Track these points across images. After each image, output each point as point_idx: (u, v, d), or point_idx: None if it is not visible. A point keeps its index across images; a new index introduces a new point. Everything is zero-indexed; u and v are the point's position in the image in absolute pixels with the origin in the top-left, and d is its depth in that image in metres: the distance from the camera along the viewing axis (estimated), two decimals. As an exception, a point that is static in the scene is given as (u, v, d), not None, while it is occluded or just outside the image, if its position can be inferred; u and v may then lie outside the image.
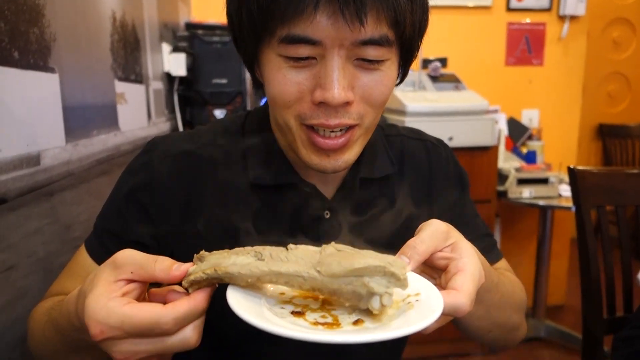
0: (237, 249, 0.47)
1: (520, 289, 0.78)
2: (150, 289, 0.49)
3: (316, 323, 0.44)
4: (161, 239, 0.67)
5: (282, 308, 0.47)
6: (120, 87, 1.16)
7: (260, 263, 0.44)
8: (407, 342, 0.82)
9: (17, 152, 0.68)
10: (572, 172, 1.26)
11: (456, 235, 0.53)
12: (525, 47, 2.68)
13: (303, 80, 0.56)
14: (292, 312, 0.46)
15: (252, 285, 0.46)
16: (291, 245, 0.47)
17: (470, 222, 0.78)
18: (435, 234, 0.51)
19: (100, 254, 0.67)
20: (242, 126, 0.72)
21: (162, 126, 1.62)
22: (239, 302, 0.43)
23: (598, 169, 1.27)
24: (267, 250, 0.46)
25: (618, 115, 3.99)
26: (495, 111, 2.35)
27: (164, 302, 0.45)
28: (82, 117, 0.92)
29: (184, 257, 0.50)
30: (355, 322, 0.44)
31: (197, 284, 0.46)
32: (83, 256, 0.69)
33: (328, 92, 0.54)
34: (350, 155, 0.61)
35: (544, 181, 2.30)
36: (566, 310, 2.81)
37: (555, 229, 2.55)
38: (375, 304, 0.43)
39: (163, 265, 0.46)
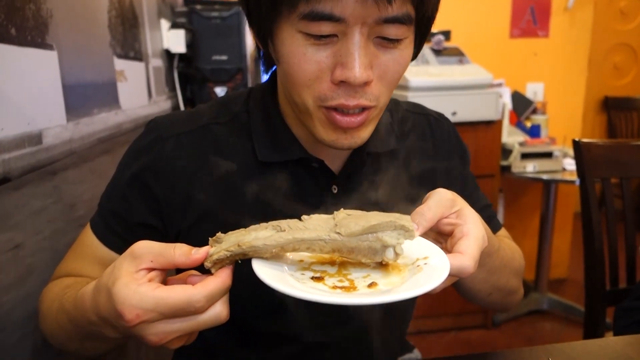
0: (253, 226, 0.49)
1: (519, 255, 0.81)
2: (167, 277, 0.50)
3: (335, 287, 0.47)
4: (167, 220, 0.67)
5: (302, 274, 0.50)
6: (120, 64, 1.14)
7: (282, 233, 0.47)
8: (414, 307, 0.83)
9: (19, 131, 0.68)
10: (576, 144, 1.25)
11: (461, 203, 0.55)
12: (531, 18, 2.62)
13: (323, 59, 0.55)
14: (312, 278, 0.49)
15: (275, 255, 0.48)
16: (304, 216, 0.50)
17: (472, 195, 0.80)
18: (441, 202, 0.54)
19: (107, 236, 0.68)
20: (245, 103, 0.71)
21: (162, 104, 1.60)
22: (265, 272, 0.46)
23: (603, 141, 1.26)
24: (284, 222, 0.49)
25: (624, 87, 3.94)
26: (500, 85, 2.32)
27: None
28: (82, 95, 0.91)
29: (191, 237, 0.50)
30: (370, 285, 0.48)
31: (220, 263, 0.47)
32: (89, 237, 0.69)
33: (350, 71, 0.54)
34: (366, 132, 0.61)
35: (548, 155, 2.29)
36: (568, 284, 2.83)
37: (558, 203, 2.55)
38: (389, 255, 0.48)
39: (182, 250, 0.47)
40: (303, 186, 0.68)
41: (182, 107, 1.83)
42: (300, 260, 0.52)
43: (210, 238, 0.49)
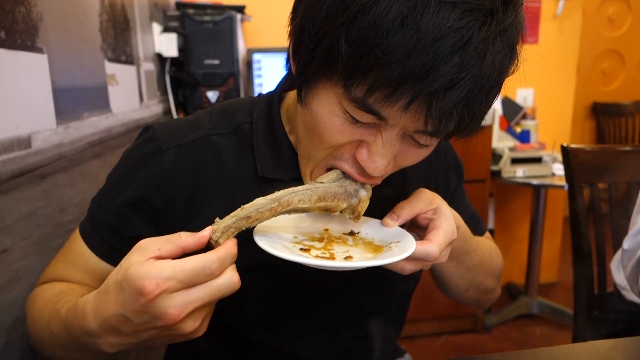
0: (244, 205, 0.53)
1: (498, 256, 0.85)
2: None
3: (317, 256, 0.55)
4: (165, 232, 0.66)
5: (294, 246, 0.57)
6: (111, 68, 1.14)
7: (276, 193, 0.53)
8: (406, 312, 0.84)
9: (7, 135, 0.67)
10: (565, 150, 1.27)
11: (438, 202, 0.62)
12: (520, 25, 2.65)
13: (354, 134, 0.54)
14: (301, 249, 0.57)
15: (275, 211, 0.53)
16: (281, 189, 0.56)
17: (462, 205, 0.83)
18: (421, 199, 0.61)
19: (100, 247, 0.67)
20: (248, 114, 0.69)
21: (154, 108, 1.60)
22: (265, 242, 0.52)
23: (591, 146, 1.28)
24: (272, 192, 0.54)
25: (612, 93, 4.00)
26: (490, 90, 2.34)
27: None
28: (72, 99, 0.91)
29: None
30: (346, 258, 0.56)
31: (227, 232, 0.51)
32: (79, 245, 0.68)
33: (372, 163, 0.54)
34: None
35: (537, 160, 2.31)
36: (558, 288, 2.86)
37: (548, 207, 2.58)
38: (362, 193, 0.58)
39: (187, 233, 0.49)
40: None
41: (174, 111, 1.83)
42: (294, 237, 0.60)
43: (208, 227, 0.52)
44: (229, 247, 0.49)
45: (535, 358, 0.65)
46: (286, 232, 0.61)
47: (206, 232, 0.50)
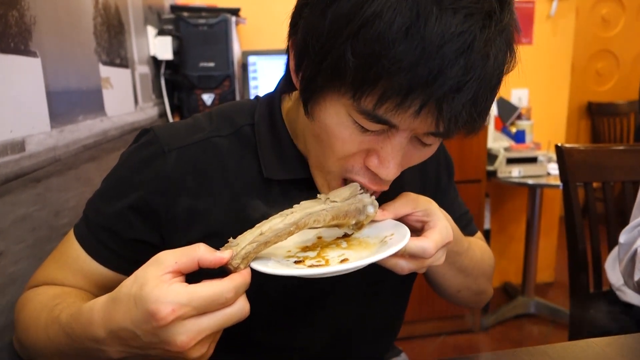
0: (259, 223, 0.53)
1: (489, 257, 0.85)
2: None
3: (312, 266, 0.55)
4: (167, 236, 0.65)
5: (288, 260, 0.57)
6: (105, 71, 1.14)
7: (293, 214, 0.54)
8: (404, 310, 0.85)
9: (1, 139, 0.67)
10: (559, 149, 1.27)
11: (428, 204, 0.63)
12: (514, 25, 2.66)
13: (364, 143, 0.55)
14: (295, 262, 0.57)
15: (292, 233, 0.54)
16: (295, 205, 0.56)
17: (454, 203, 0.84)
18: (406, 199, 0.63)
19: (96, 249, 0.66)
20: (249, 116, 0.69)
21: (149, 111, 1.60)
22: (257, 261, 0.53)
23: (585, 146, 1.29)
24: (286, 210, 0.55)
25: (606, 93, 4.02)
26: (485, 91, 2.35)
27: None
28: (67, 102, 0.91)
29: None
30: (342, 261, 0.55)
31: (246, 259, 0.51)
32: (75, 249, 0.67)
33: (385, 169, 0.56)
34: None
35: (532, 160, 2.32)
36: (555, 287, 2.86)
37: (544, 207, 2.58)
38: (370, 210, 0.59)
39: (206, 247, 0.49)
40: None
41: (169, 114, 1.83)
42: (288, 251, 0.60)
43: (221, 249, 0.51)
44: (244, 276, 0.49)
45: (530, 356, 0.65)
46: (280, 246, 0.60)
47: (226, 255, 0.49)
